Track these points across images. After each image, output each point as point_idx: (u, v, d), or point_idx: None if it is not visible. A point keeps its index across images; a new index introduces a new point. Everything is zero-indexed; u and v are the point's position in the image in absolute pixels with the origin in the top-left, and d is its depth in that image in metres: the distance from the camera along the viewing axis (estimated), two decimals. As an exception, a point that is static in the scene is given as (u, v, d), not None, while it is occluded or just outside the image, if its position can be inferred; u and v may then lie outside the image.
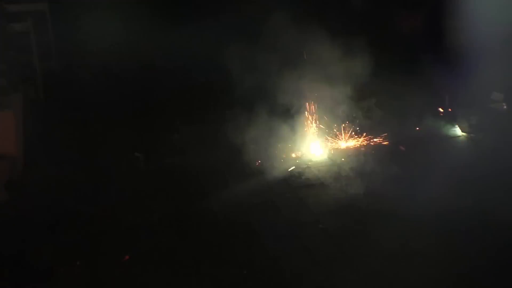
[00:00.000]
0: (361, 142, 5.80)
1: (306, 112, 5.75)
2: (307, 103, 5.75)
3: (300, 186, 5.06)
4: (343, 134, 5.82)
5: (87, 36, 7.93)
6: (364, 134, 5.85)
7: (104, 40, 8.05)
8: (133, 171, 5.37)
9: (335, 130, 5.84)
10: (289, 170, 5.32)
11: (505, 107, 6.54)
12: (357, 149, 5.69)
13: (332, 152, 5.67)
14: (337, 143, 5.78)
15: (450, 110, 6.42)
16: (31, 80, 6.75)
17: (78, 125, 6.23)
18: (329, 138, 5.80)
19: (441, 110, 6.42)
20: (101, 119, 6.35)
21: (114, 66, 7.32)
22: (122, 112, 6.50)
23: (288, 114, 5.75)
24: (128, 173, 5.31)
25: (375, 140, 5.82)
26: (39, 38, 7.09)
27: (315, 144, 5.69)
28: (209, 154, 5.65)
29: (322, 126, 5.78)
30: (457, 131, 6.10)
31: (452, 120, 6.31)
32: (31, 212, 4.67)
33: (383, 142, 5.79)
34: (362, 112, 5.95)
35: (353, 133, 5.85)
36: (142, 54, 7.44)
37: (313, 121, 5.75)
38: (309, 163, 5.46)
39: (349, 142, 5.79)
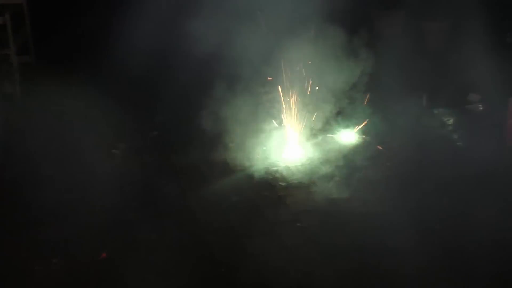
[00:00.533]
0: (344, 139, 5.80)
1: (288, 108, 5.73)
2: (290, 98, 5.73)
3: (279, 185, 5.06)
4: (325, 131, 5.83)
5: (66, 30, 7.83)
6: (347, 131, 5.85)
7: (83, 34, 7.95)
8: (110, 167, 5.32)
9: (316, 126, 5.82)
10: (268, 168, 5.31)
11: (481, 108, 6.64)
12: (338, 148, 5.68)
13: (313, 150, 5.66)
14: (318, 140, 5.76)
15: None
16: (7, 75, 6.65)
17: (54, 121, 6.14)
18: (310, 135, 5.79)
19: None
20: (78, 114, 6.26)
21: (91, 61, 7.22)
22: (100, 108, 6.41)
23: (268, 108, 5.74)
24: (105, 170, 5.25)
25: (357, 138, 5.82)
26: (16, 31, 6.97)
27: (295, 142, 5.68)
28: (188, 151, 5.62)
29: (303, 123, 5.75)
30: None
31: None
32: (5, 209, 4.61)
33: (363, 140, 5.79)
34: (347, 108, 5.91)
35: (335, 130, 5.85)
36: (120, 49, 7.34)
37: (295, 117, 5.73)
38: (289, 161, 5.45)
39: (331, 140, 5.79)
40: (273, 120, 5.72)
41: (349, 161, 5.40)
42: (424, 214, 4.54)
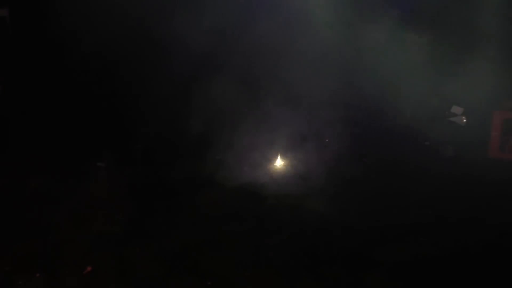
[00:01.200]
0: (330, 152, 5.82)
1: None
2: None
3: (266, 196, 5.07)
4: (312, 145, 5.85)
5: (48, 41, 7.79)
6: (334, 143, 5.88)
7: (64, 46, 7.90)
8: (95, 180, 5.29)
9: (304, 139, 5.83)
10: (254, 181, 5.31)
11: (464, 120, 6.71)
12: (324, 161, 5.69)
13: (299, 162, 5.67)
14: (305, 153, 5.77)
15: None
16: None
17: (38, 132, 6.10)
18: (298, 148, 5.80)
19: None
20: (62, 127, 6.23)
21: (75, 72, 7.19)
22: (84, 120, 6.39)
23: (256, 124, 5.76)
24: (90, 182, 5.23)
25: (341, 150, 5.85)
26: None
27: (282, 155, 5.69)
28: (173, 163, 5.61)
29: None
30: None
31: None
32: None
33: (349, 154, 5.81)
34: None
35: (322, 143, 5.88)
36: (103, 60, 7.32)
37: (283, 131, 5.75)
38: (275, 174, 5.46)
39: (317, 153, 5.80)
40: (260, 133, 5.74)
41: (335, 174, 5.42)
42: (408, 226, 4.58)
